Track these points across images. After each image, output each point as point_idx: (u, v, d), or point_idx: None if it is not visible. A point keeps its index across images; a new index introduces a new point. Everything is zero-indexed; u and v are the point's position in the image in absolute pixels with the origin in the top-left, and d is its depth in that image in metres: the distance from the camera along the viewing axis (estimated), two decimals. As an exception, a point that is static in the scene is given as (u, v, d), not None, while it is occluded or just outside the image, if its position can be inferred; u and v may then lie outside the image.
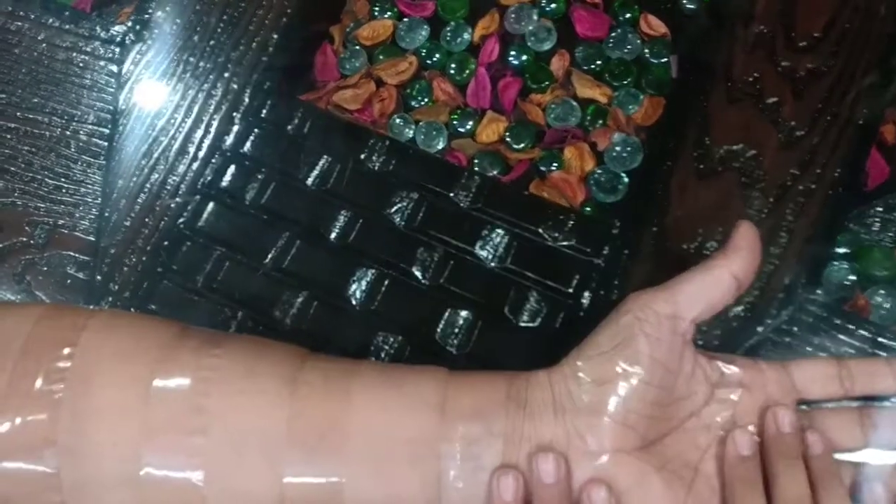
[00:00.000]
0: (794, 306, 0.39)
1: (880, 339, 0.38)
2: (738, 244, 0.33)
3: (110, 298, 0.45)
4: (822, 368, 0.34)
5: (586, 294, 0.42)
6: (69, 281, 0.46)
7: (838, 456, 0.33)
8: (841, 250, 0.43)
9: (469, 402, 0.32)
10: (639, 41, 0.50)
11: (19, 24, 0.52)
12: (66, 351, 0.32)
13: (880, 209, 0.44)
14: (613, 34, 0.51)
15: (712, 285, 0.33)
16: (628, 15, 0.51)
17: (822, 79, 0.44)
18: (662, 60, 0.50)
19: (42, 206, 0.48)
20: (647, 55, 0.50)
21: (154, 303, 0.45)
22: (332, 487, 0.31)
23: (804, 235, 0.41)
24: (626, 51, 0.50)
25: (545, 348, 0.41)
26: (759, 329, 0.39)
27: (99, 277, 0.46)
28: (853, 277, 0.43)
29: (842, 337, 0.39)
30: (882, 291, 0.42)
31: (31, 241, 0.47)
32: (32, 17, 0.52)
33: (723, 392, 0.34)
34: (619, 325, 0.32)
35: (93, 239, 0.47)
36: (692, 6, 0.51)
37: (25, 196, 0.48)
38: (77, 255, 0.47)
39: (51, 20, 0.52)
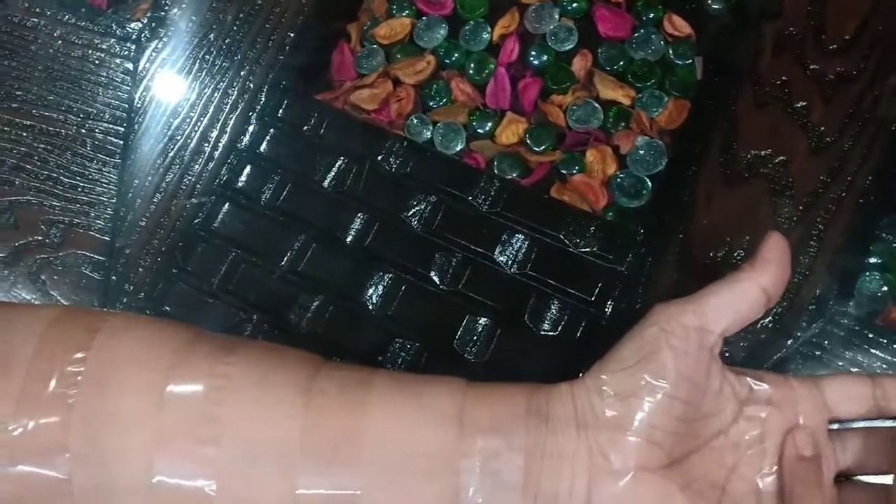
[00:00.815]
0: (825, 319, 0.38)
1: (913, 354, 0.37)
2: (768, 256, 0.32)
3: (125, 299, 0.45)
4: (855, 386, 0.33)
5: (609, 303, 0.41)
6: (84, 281, 0.46)
7: (869, 479, 0.32)
8: (873, 260, 0.42)
9: (488, 415, 0.31)
10: (663, 42, 0.49)
11: (35, 20, 0.51)
12: (79, 355, 0.32)
13: (913, 217, 0.43)
14: (637, 34, 0.50)
15: (740, 298, 0.32)
16: (652, 15, 0.50)
17: (853, 83, 0.43)
18: (687, 62, 0.49)
19: (57, 204, 0.48)
20: (672, 56, 0.49)
21: (169, 304, 0.45)
22: (346, 500, 0.31)
23: (835, 245, 0.40)
24: (649, 51, 0.49)
25: (566, 358, 0.40)
26: (789, 342, 0.38)
27: (114, 278, 0.45)
28: (886, 289, 0.41)
29: (874, 351, 0.37)
30: (915, 303, 0.41)
31: (47, 241, 0.47)
32: (48, 13, 0.51)
33: (752, 409, 0.33)
34: (644, 338, 0.31)
35: (108, 239, 0.46)
36: (718, 6, 0.49)
37: (41, 195, 0.48)
38: (92, 255, 0.46)
39: (67, 17, 0.51)
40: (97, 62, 0.50)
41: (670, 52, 0.49)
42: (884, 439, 0.33)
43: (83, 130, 0.49)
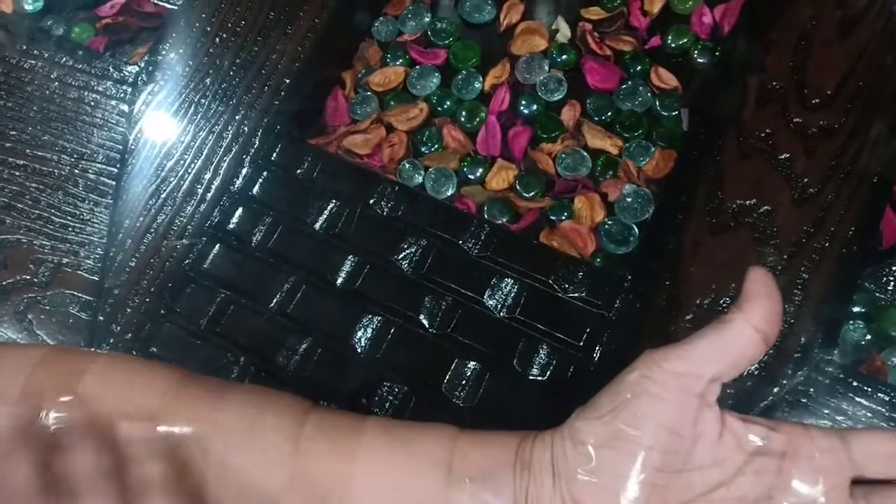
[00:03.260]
0: (810, 367, 0.38)
1: (898, 403, 0.38)
2: (753, 292, 0.30)
3: (112, 340, 0.45)
4: (887, 444, 0.30)
5: (597, 348, 0.41)
6: (71, 321, 0.46)
7: None
8: (857, 310, 0.42)
9: (477, 463, 0.31)
10: (650, 94, 0.51)
11: (33, 62, 0.52)
12: (66, 398, 0.32)
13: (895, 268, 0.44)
14: (624, 86, 0.51)
15: (731, 341, 0.30)
16: (639, 67, 0.51)
17: (835, 136, 0.44)
18: (673, 113, 0.50)
19: (47, 244, 0.48)
20: (658, 108, 0.50)
21: (156, 345, 0.44)
22: (334, 549, 0.30)
23: (819, 294, 0.40)
24: (637, 103, 0.50)
25: (554, 403, 0.40)
26: (775, 390, 0.38)
27: (101, 318, 0.45)
28: (869, 338, 0.42)
29: (859, 399, 0.38)
30: (898, 352, 0.41)
31: (35, 280, 0.47)
32: (46, 55, 0.52)
33: (761, 461, 0.30)
34: (623, 385, 0.30)
35: (97, 279, 0.46)
36: (703, 60, 0.51)
37: (31, 233, 0.48)
38: (80, 295, 0.46)
39: (64, 59, 0.52)
40: (93, 103, 0.51)
41: (657, 103, 0.50)
42: None
43: (76, 170, 0.49)
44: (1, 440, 0.30)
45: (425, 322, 0.43)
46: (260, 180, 0.48)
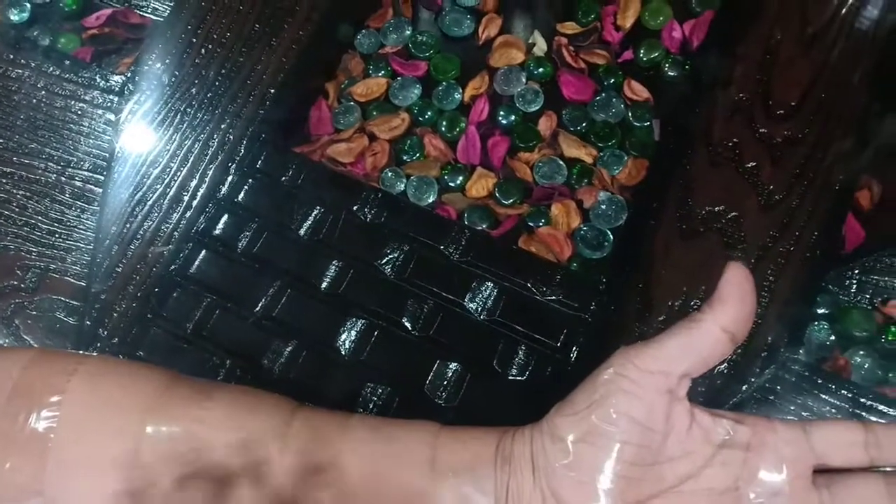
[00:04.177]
0: (777, 365, 0.40)
1: (861, 400, 0.39)
2: (725, 293, 0.31)
3: (99, 344, 0.45)
4: (846, 433, 0.31)
5: (574, 348, 0.43)
6: (58, 325, 0.46)
7: None
8: (821, 311, 0.44)
9: (460, 458, 0.32)
10: (623, 105, 0.52)
11: (20, 71, 0.53)
12: (55, 399, 0.32)
13: (857, 271, 0.46)
14: (598, 98, 0.53)
15: (700, 340, 0.31)
16: (613, 80, 0.53)
17: (799, 145, 0.46)
18: (645, 124, 0.52)
19: (34, 250, 0.48)
20: (631, 118, 0.52)
21: (142, 349, 0.45)
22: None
23: (784, 296, 0.42)
24: (610, 114, 0.52)
25: (533, 402, 0.41)
26: (743, 387, 0.40)
27: (88, 323, 0.46)
28: (833, 338, 0.44)
29: (824, 396, 0.39)
30: (861, 352, 0.43)
31: (22, 285, 0.47)
32: (33, 64, 0.53)
33: (727, 453, 0.31)
34: (598, 382, 0.31)
35: (84, 284, 0.47)
36: (674, 73, 0.53)
37: (18, 240, 0.48)
38: (67, 300, 0.47)
39: (51, 68, 0.53)
40: (79, 112, 0.52)
41: (630, 114, 0.52)
42: (877, 489, 0.31)
43: (63, 178, 0.50)
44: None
45: (408, 325, 0.44)
46: (245, 187, 0.49)
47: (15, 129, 0.51)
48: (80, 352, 0.44)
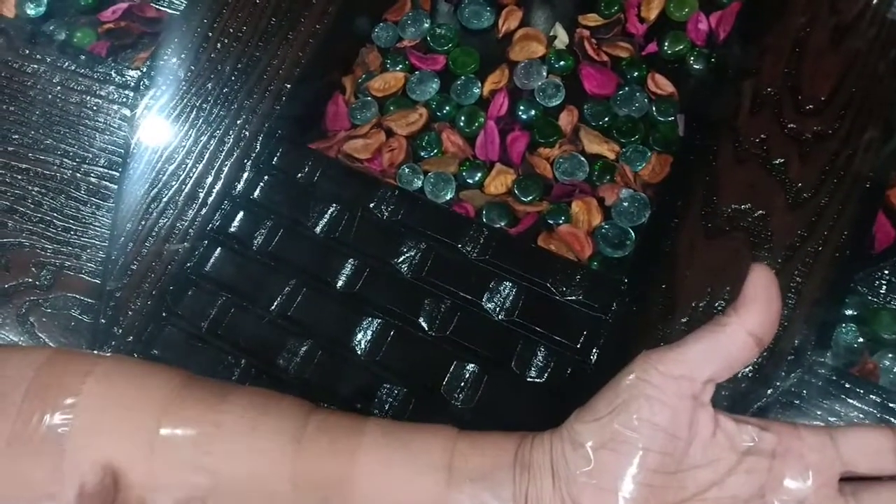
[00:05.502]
0: (803, 369, 0.39)
1: (890, 405, 0.38)
2: (750, 297, 0.30)
3: (113, 342, 0.45)
4: (874, 440, 0.30)
5: (594, 350, 0.42)
6: (73, 323, 0.46)
7: None
8: (849, 312, 0.43)
9: (477, 464, 0.31)
10: (646, 99, 0.51)
11: (35, 66, 0.53)
12: (70, 400, 0.32)
13: (887, 271, 0.44)
14: (621, 92, 0.51)
15: (725, 344, 0.30)
16: (636, 73, 0.52)
17: (829, 141, 0.44)
18: (669, 119, 0.51)
19: (49, 247, 0.48)
20: (655, 113, 0.51)
21: (157, 348, 0.45)
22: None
23: (812, 297, 0.41)
24: (633, 108, 0.51)
25: (552, 405, 0.40)
26: (768, 392, 0.39)
27: (103, 321, 0.46)
28: (861, 340, 0.42)
29: (851, 401, 0.38)
30: (890, 355, 0.42)
31: (37, 283, 0.47)
32: (49, 60, 0.53)
33: (752, 460, 0.31)
34: (620, 387, 0.30)
35: (98, 282, 0.47)
36: (699, 66, 0.52)
37: (33, 237, 0.48)
38: (82, 298, 0.47)
39: (66, 63, 0.53)
40: (95, 108, 0.51)
41: (653, 109, 0.51)
42: None
43: (78, 174, 0.50)
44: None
45: (424, 324, 0.43)
46: (261, 184, 0.48)
47: (30, 125, 0.51)
48: (95, 351, 0.44)
